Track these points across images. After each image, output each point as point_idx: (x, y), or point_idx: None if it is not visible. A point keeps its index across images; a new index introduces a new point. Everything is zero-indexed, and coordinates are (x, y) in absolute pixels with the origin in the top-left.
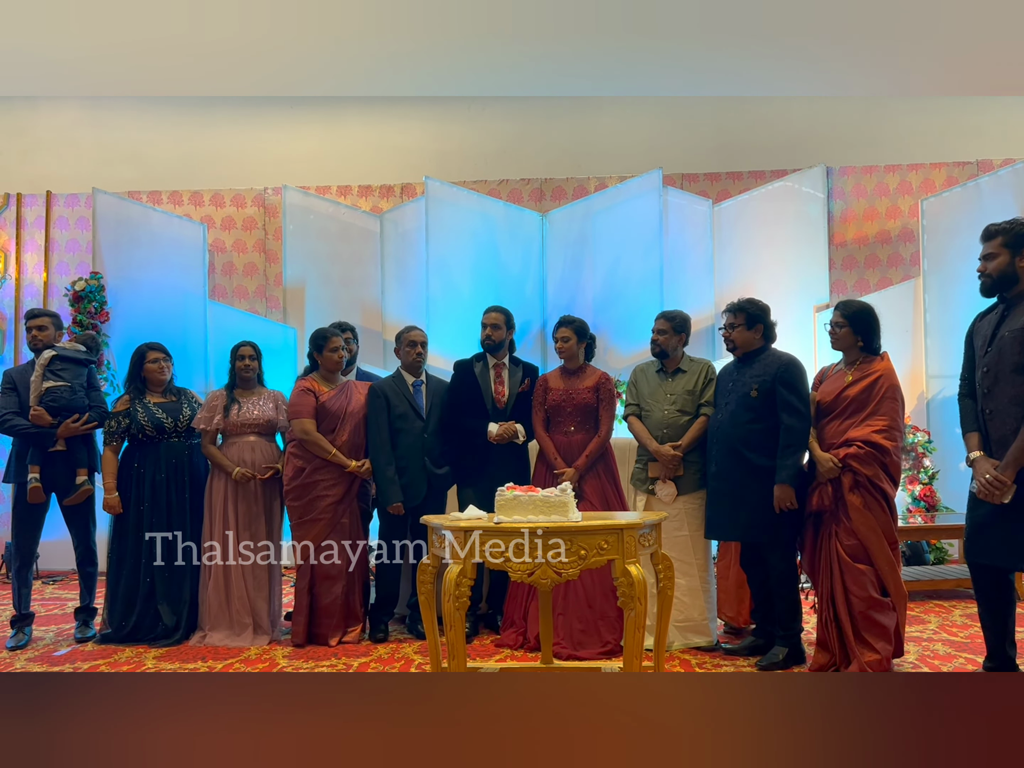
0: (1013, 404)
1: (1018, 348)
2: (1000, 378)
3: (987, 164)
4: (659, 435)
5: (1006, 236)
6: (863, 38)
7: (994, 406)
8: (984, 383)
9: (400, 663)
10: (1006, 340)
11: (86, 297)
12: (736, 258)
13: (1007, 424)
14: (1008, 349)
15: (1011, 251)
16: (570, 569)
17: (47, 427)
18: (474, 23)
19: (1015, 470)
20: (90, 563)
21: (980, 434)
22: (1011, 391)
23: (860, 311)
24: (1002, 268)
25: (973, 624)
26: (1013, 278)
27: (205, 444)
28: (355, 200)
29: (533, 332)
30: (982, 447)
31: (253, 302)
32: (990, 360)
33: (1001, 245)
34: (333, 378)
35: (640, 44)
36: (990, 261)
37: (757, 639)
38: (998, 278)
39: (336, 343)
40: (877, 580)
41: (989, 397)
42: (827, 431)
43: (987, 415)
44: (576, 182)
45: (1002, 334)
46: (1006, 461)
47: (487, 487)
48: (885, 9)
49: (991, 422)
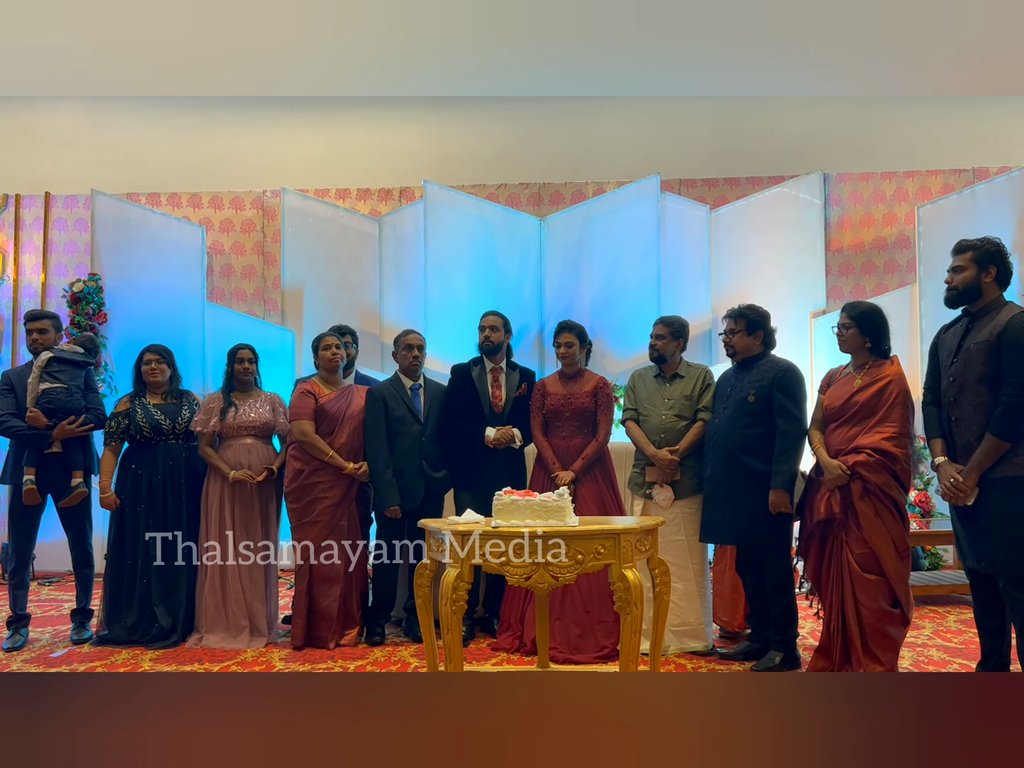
0: (977, 412)
1: (983, 360)
2: (965, 388)
3: (983, 172)
4: (657, 440)
5: (975, 252)
6: (862, 39)
7: (959, 414)
8: (950, 392)
9: (396, 666)
10: (972, 352)
11: (84, 299)
12: (733, 264)
13: (971, 431)
14: (974, 360)
15: (978, 266)
16: (567, 573)
17: (43, 429)
18: (473, 26)
19: (978, 474)
20: (86, 565)
21: (944, 441)
22: (975, 400)
23: (867, 312)
24: (968, 282)
25: (967, 630)
26: (977, 292)
27: (202, 446)
28: (354, 203)
29: (531, 336)
30: (945, 453)
31: (251, 304)
32: (956, 371)
33: (970, 260)
34: (334, 380)
35: (638, 49)
36: (958, 274)
37: (752, 644)
38: (963, 291)
39: (328, 342)
40: (888, 590)
41: (955, 405)
42: (835, 437)
43: (953, 422)
44: (574, 187)
45: (967, 346)
46: (970, 466)
47: (484, 491)
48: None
49: (956, 429)
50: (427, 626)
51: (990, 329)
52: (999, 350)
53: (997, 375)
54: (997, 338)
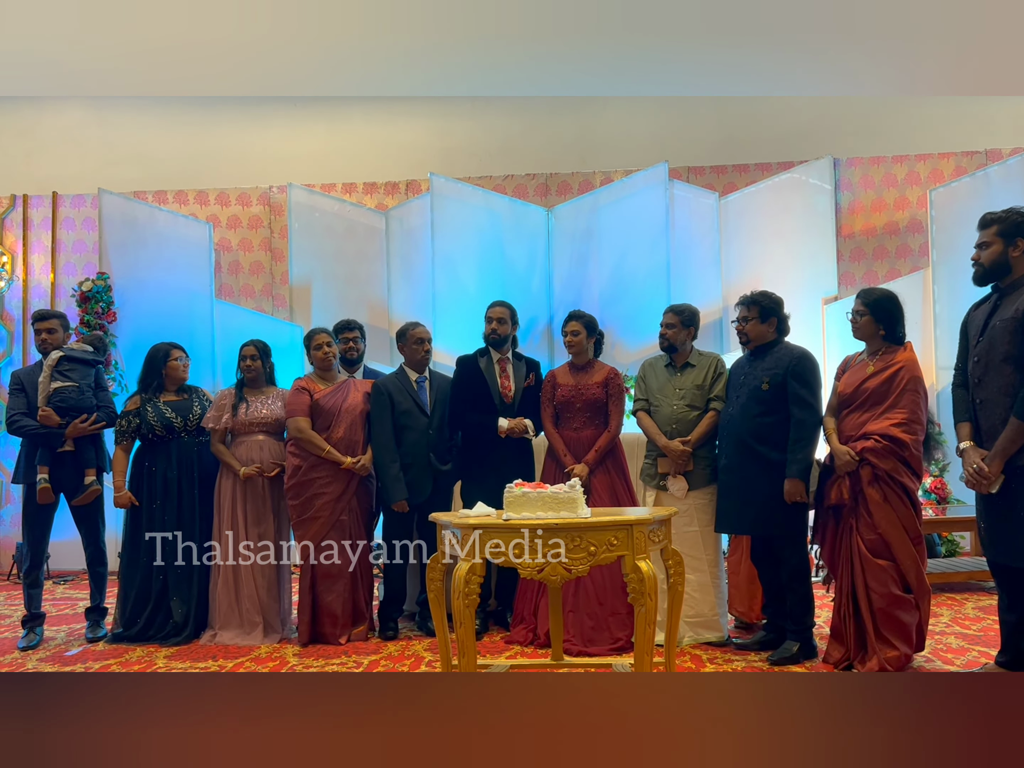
0: (1002, 394)
1: (1008, 338)
2: (991, 368)
3: (996, 153)
4: (668, 430)
5: (1001, 225)
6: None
7: (984, 396)
8: (975, 373)
9: (410, 660)
10: (997, 330)
11: (93, 298)
12: (743, 251)
13: (996, 414)
14: (999, 339)
15: (1005, 240)
16: (580, 565)
17: (55, 428)
18: (477, 24)
19: (1002, 461)
20: (100, 563)
21: (971, 424)
22: (1001, 381)
23: (881, 298)
24: (995, 257)
25: (986, 617)
26: (1006, 268)
27: (214, 443)
28: (360, 197)
29: (540, 328)
30: (972, 437)
31: (259, 301)
32: (981, 350)
33: (995, 234)
34: (330, 376)
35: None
36: (983, 250)
37: (768, 634)
38: (990, 267)
39: (320, 340)
40: (899, 576)
41: (980, 387)
42: (846, 423)
43: (978, 405)
44: (581, 176)
45: (993, 324)
46: (993, 452)
47: (493, 484)
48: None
49: (982, 412)
50: (440, 620)
51: (1016, 305)
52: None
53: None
54: (1023, 314)
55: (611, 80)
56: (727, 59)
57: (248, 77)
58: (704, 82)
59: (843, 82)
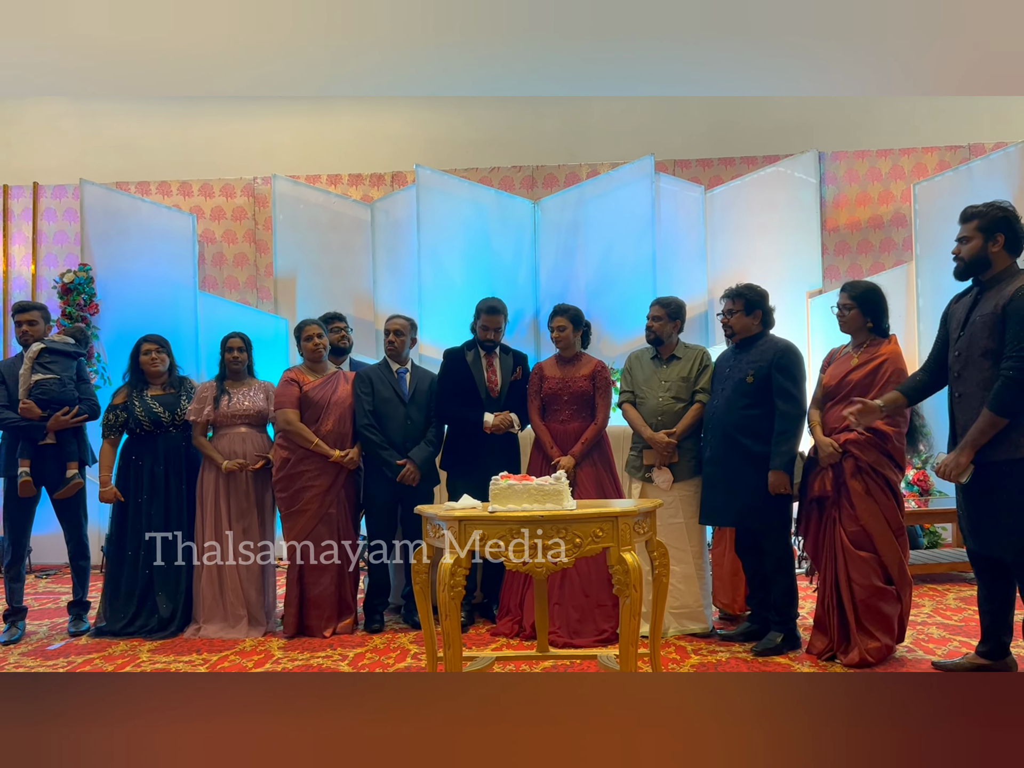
0: (981, 388)
1: (987, 333)
2: (970, 363)
3: (979, 148)
4: (654, 422)
5: (981, 220)
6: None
7: (963, 390)
8: (955, 367)
9: (396, 653)
10: (977, 325)
11: (75, 289)
12: (729, 244)
13: (974, 408)
14: (979, 334)
15: (984, 235)
16: (565, 557)
17: (37, 420)
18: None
19: (972, 451)
20: (83, 557)
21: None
22: (979, 376)
23: (868, 291)
24: (975, 252)
25: (967, 607)
26: (986, 262)
27: (196, 436)
28: (345, 189)
29: (526, 320)
30: (950, 431)
31: (244, 293)
32: (962, 344)
33: (975, 229)
34: (319, 368)
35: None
36: (964, 244)
37: (752, 625)
38: (971, 262)
39: (310, 332)
40: (881, 568)
41: (959, 381)
42: (831, 415)
43: (956, 399)
44: (568, 169)
45: (973, 319)
46: (963, 442)
47: (479, 477)
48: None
49: (959, 406)
50: (425, 612)
51: (996, 301)
52: (1004, 322)
53: (1002, 349)
54: (1002, 310)
55: (597, 80)
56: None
57: (233, 77)
58: (690, 82)
59: (827, 82)
